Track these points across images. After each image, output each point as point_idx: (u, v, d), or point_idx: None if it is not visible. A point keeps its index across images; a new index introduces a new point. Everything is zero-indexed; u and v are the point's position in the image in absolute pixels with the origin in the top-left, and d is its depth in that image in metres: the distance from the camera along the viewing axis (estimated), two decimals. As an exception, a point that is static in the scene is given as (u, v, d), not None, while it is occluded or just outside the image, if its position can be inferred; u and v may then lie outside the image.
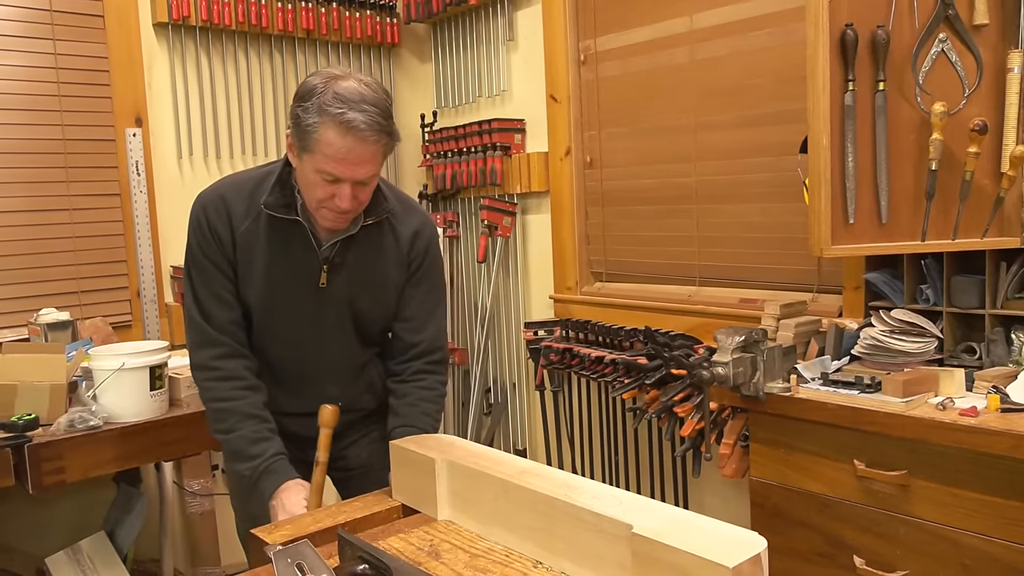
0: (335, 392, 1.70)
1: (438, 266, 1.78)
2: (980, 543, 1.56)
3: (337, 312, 1.67)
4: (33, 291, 2.66)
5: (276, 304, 1.64)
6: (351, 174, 1.47)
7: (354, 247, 1.63)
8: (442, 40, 3.46)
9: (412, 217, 1.72)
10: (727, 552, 0.87)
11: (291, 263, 1.61)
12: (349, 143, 1.43)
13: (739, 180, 2.50)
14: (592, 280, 3.04)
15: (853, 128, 1.81)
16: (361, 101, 1.43)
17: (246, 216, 1.59)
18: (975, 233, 1.79)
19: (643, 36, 2.74)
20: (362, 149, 1.45)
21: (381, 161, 1.51)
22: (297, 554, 0.99)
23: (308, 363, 1.70)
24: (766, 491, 1.91)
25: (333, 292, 1.64)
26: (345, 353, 1.72)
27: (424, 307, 1.74)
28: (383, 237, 1.67)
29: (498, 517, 1.21)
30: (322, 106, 1.42)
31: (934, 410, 1.63)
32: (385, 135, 1.47)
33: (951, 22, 1.77)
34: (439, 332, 1.77)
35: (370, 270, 1.66)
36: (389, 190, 1.69)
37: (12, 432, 2.00)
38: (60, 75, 2.70)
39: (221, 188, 1.63)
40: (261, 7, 3.05)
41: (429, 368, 1.75)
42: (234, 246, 1.60)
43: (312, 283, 1.63)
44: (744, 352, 1.82)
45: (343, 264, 1.63)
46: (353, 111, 1.42)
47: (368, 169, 1.48)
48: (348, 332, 1.70)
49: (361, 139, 1.43)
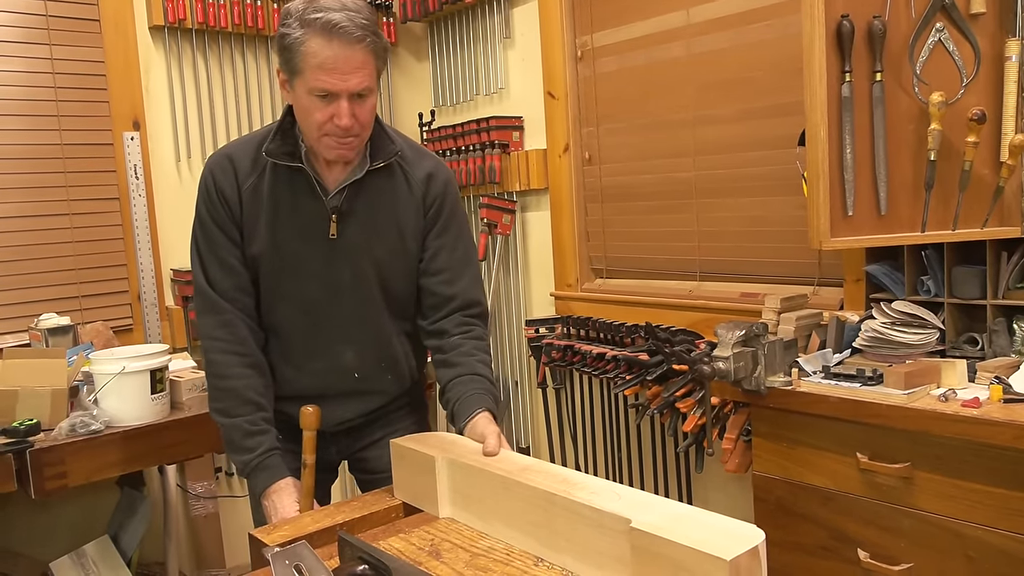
0: (350, 358, 1.62)
1: (460, 212, 1.66)
2: (984, 534, 1.56)
3: (352, 267, 1.57)
4: (33, 296, 2.66)
5: (284, 259, 1.57)
6: (344, 84, 1.41)
7: (363, 193, 1.55)
8: (439, 39, 3.45)
9: (424, 160, 1.63)
10: (725, 545, 0.87)
11: (297, 214, 1.54)
12: (335, 48, 1.39)
13: (738, 174, 2.49)
14: (592, 277, 3.04)
15: (851, 120, 1.80)
16: (343, 7, 1.39)
17: (252, 171, 1.55)
18: (975, 223, 1.79)
19: (640, 31, 2.73)
20: (350, 53, 1.40)
21: (374, 69, 1.45)
22: (295, 555, 0.99)
23: (321, 326, 1.60)
24: (769, 485, 1.90)
25: (346, 244, 1.56)
26: (362, 313, 1.61)
27: (455, 255, 1.63)
28: (394, 180, 1.58)
29: (499, 514, 1.21)
30: (302, 18, 1.39)
31: (936, 402, 1.63)
32: (371, 34, 1.41)
33: (948, 11, 1.76)
34: (475, 283, 1.65)
35: (384, 217, 1.58)
36: (397, 134, 1.62)
37: (14, 437, 2.00)
38: (57, 80, 2.70)
39: (228, 148, 1.60)
40: (257, 9, 3.05)
41: (472, 321, 1.62)
42: (241, 205, 1.55)
43: (322, 235, 1.55)
44: (745, 346, 1.81)
45: (352, 212, 1.55)
46: (333, 13, 1.38)
47: (361, 76, 1.42)
48: (366, 290, 1.60)
49: (348, 42, 1.39)
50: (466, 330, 1.61)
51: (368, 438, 1.72)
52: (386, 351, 1.67)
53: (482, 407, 1.48)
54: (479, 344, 1.61)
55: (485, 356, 1.60)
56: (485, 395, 1.52)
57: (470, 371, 1.55)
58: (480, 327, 1.64)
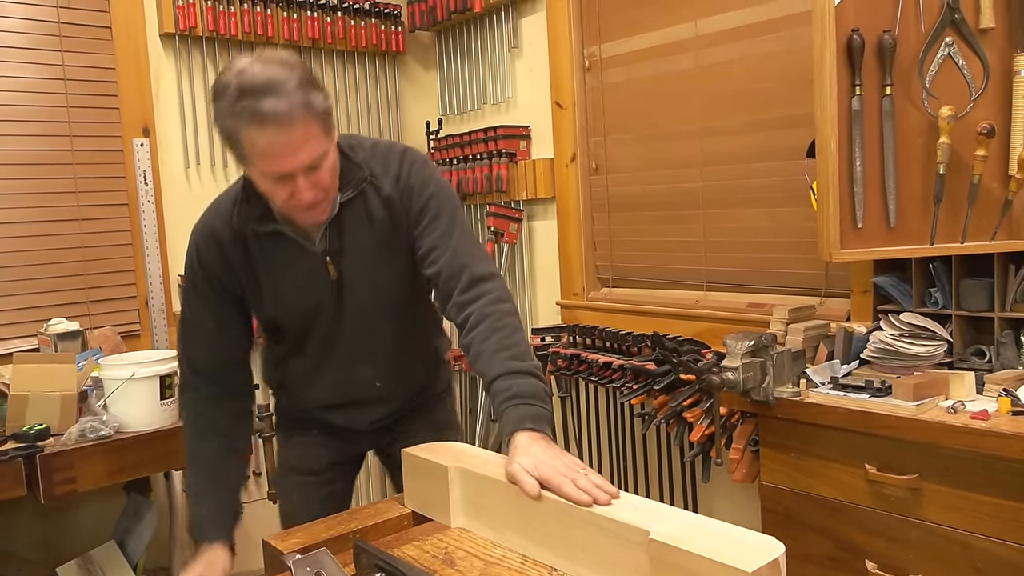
0: (369, 373, 1.64)
1: (439, 191, 1.53)
2: (992, 546, 1.56)
3: (359, 297, 1.56)
4: (42, 301, 2.67)
5: (295, 312, 1.58)
6: (292, 164, 1.33)
7: (345, 224, 1.51)
8: (447, 48, 3.47)
9: (390, 163, 1.53)
10: (745, 557, 0.87)
11: (294, 270, 1.53)
12: (270, 135, 1.29)
13: (745, 185, 2.50)
14: (599, 285, 3.05)
15: (860, 132, 1.81)
16: (267, 84, 1.28)
17: (235, 242, 1.51)
18: (983, 236, 1.80)
19: (648, 42, 2.75)
20: (288, 136, 1.30)
21: (321, 136, 1.35)
22: (316, 562, 0.99)
23: (336, 352, 1.62)
24: (777, 496, 1.91)
25: (348, 278, 1.55)
26: (375, 334, 1.61)
27: (435, 234, 1.50)
28: (368, 201, 1.52)
29: (512, 524, 1.21)
30: (231, 110, 1.30)
31: (945, 413, 1.64)
32: (302, 104, 1.30)
33: (957, 26, 1.77)
34: (460, 251, 1.48)
35: (372, 239, 1.53)
36: (360, 148, 1.53)
37: (24, 442, 2.01)
38: (68, 86, 2.72)
39: (209, 219, 1.55)
40: (267, 17, 3.06)
41: (469, 294, 1.43)
42: (235, 277, 1.54)
43: (323, 280, 1.54)
44: (754, 357, 1.82)
45: (342, 247, 1.52)
46: (261, 99, 1.27)
47: (308, 151, 1.33)
48: (376, 312, 1.58)
49: (281, 125, 1.29)
50: (468, 313, 1.42)
51: (398, 429, 1.75)
52: (403, 360, 1.67)
53: (507, 431, 1.28)
54: (490, 324, 1.39)
55: (497, 339, 1.37)
56: (512, 407, 1.30)
57: (491, 375, 1.35)
58: (488, 292, 1.43)
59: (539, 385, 1.32)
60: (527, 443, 1.22)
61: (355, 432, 1.72)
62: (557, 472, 1.14)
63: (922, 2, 1.78)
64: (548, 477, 1.14)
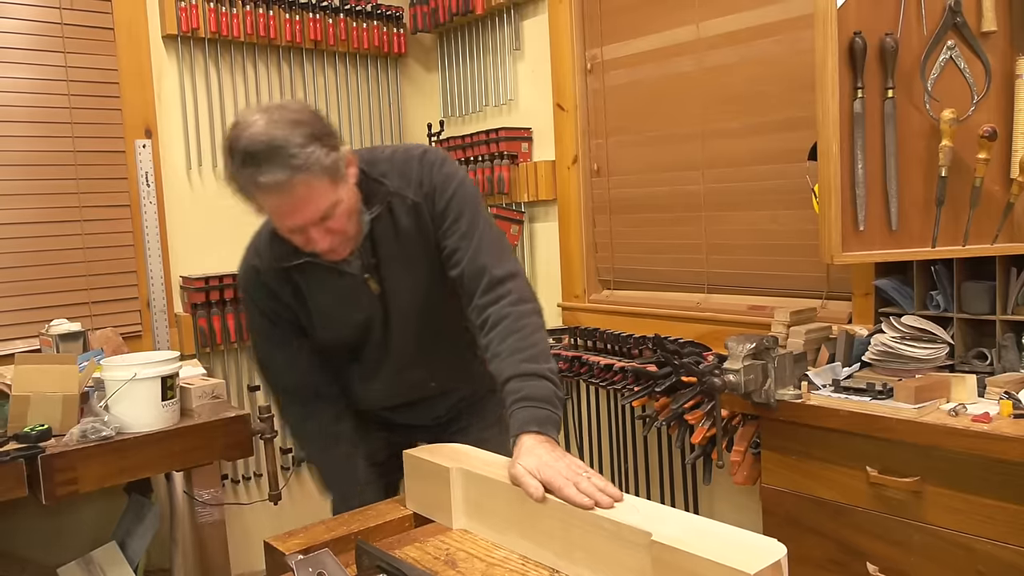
0: (423, 375, 1.69)
1: (460, 191, 1.53)
2: (994, 549, 1.56)
3: (404, 306, 1.59)
4: (44, 302, 2.67)
5: (347, 331, 1.62)
6: (299, 221, 1.37)
7: (377, 240, 1.54)
8: (449, 50, 3.48)
9: (410, 172, 1.53)
10: (747, 559, 0.87)
11: (338, 294, 1.57)
12: (275, 198, 1.33)
13: (747, 187, 2.50)
14: (600, 288, 3.05)
15: (862, 135, 1.82)
16: (267, 150, 1.29)
17: (277, 276, 1.57)
18: (985, 239, 1.80)
19: (650, 45, 2.75)
20: (291, 197, 1.33)
21: (327, 190, 1.36)
22: (318, 563, 0.99)
23: (389, 359, 1.66)
24: (778, 498, 1.91)
25: (391, 290, 1.58)
26: (424, 339, 1.63)
27: (456, 233, 1.50)
28: (396, 213, 1.54)
29: (514, 525, 1.21)
30: (236, 175, 1.34)
31: (946, 416, 1.64)
32: (302, 170, 1.31)
33: (959, 29, 1.78)
34: (481, 250, 1.48)
35: (406, 246, 1.55)
36: (378, 164, 1.54)
37: (25, 443, 2.01)
38: (71, 87, 2.72)
39: (250, 260, 1.61)
40: (269, 19, 3.07)
41: (489, 297, 1.44)
42: (287, 305, 1.60)
43: (368, 297, 1.58)
44: (756, 359, 1.82)
45: (379, 262, 1.55)
46: (261, 167, 1.30)
47: (313, 209, 1.36)
48: (423, 318, 1.61)
49: (283, 190, 1.31)
50: (488, 314, 1.43)
51: (455, 425, 1.79)
52: (453, 358, 1.71)
53: (513, 433, 1.29)
54: (508, 325, 1.39)
55: (514, 340, 1.37)
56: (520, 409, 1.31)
57: (504, 377, 1.36)
58: (504, 295, 1.43)
59: (550, 388, 1.32)
60: (531, 445, 1.23)
61: (413, 428, 1.78)
62: (559, 475, 1.14)
63: (924, 5, 1.78)
64: (550, 479, 1.14)
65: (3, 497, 1.96)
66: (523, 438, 1.25)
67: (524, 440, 1.24)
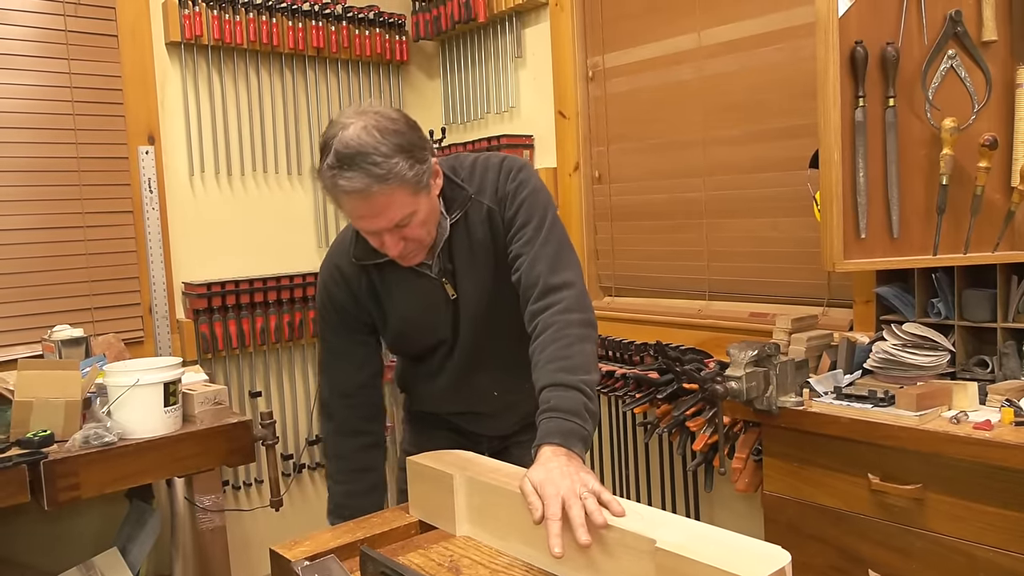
0: (485, 382, 1.70)
1: (525, 195, 1.53)
2: (995, 556, 1.56)
3: (477, 312, 1.60)
4: (47, 308, 2.67)
5: (419, 332, 1.65)
6: (377, 225, 1.42)
7: (455, 244, 1.57)
8: (450, 57, 3.49)
9: (488, 178, 1.56)
10: (752, 566, 0.88)
11: (416, 296, 1.60)
12: (354, 202, 1.38)
13: (748, 195, 2.51)
14: (601, 295, 3.05)
15: (864, 143, 1.82)
16: (355, 155, 1.34)
17: (358, 275, 1.61)
18: (986, 247, 1.80)
19: (651, 52, 2.76)
20: (368, 203, 1.38)
21: (406, 199, 1.40)
22: (324, 570, 1.00)
23: (458, 366, 1.67)
24: (780, 505, 1.91)
25: (466, 296, 1.60)
26: (492, 346, 1.64)
27: (521, 240, 1.51)
28: (473, 219, 1.56)
29: (518, 532, 1.22)
30: (324, 174, 1.38)
31: (948, 423, 1.64)
32: (382, 180, 1.35)
33: (960, 38, 1.78)
34: (542, 256, 1.47)
35: (481, 252, 1.57)
36: (460, 171, 1.58)
37: (28, 448, 2.01)
38: (74, 94, 2.73)
39: (333, 258, 1.65)
40: (272, 26, 3.08)
41: (541, 306, 1.43)
42: (364, 306, 1.63)
43: (444, 301, 1.60)
44: (757, 366, 1.82)
45: (456, 267, 1.58)
46: (346, 172, 1.34)
47: (389, 216, 1.40)
48: (494, 325, 1.62)
49: (363, 197, 1.36)
50: (537, 322, 1.42)
51: (517, 438, 1.80)
52: (518, 370, 1.64)
53: (535, 443, 1.28)
54: (552, 334, 1.38)
55: (554, 349, 1.36)
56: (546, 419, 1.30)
57: (539, 386, 1.36)
58: (554, 303, 1.41)
59: (580, 400, 1.30)
60: (547, 457, 1.22)
61: (478, 435, 1.80)
62: (556, 495, 1.13)
63: (925, 14, 1.80)
64: (546, 497, 1.14)
65: (5, 503, 1.96)
66: (542, 449, 1.24)
67: (542, 452, 1.23)
